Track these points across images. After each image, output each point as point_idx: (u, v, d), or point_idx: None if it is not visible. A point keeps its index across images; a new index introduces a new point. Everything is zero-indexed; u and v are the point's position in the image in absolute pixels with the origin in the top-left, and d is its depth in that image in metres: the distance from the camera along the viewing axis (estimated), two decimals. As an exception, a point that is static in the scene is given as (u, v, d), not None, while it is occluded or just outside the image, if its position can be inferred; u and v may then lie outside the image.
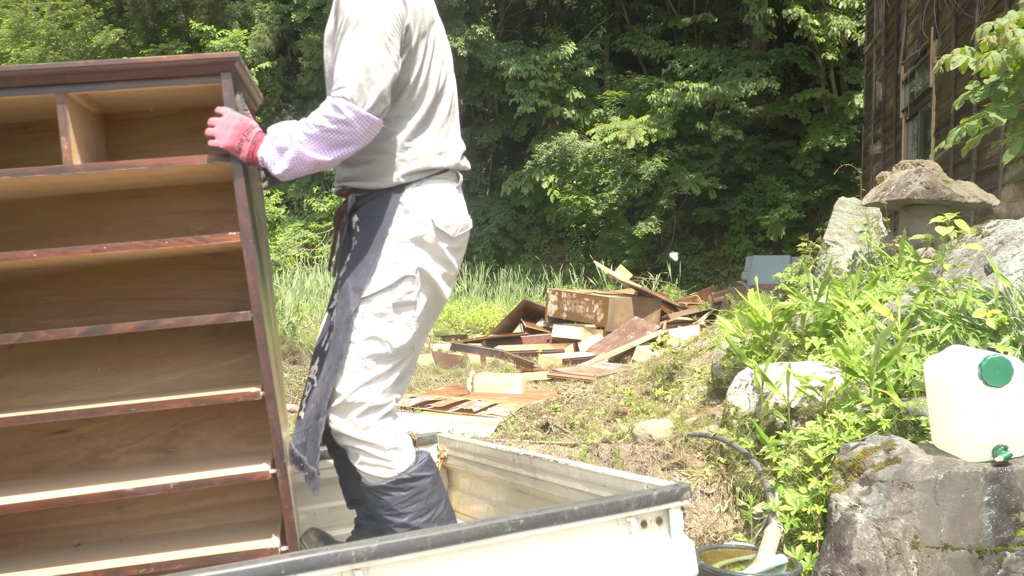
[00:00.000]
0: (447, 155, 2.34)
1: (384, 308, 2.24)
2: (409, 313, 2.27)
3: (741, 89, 16.29)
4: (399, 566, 1.73)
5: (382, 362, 2.25)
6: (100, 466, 2.50)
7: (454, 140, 2.38)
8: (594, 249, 17.98)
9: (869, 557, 2.51)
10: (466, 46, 17.66)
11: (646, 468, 3.58)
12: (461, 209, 2.38)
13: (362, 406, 2.24)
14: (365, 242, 2.27)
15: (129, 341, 2.52)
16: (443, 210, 2.29)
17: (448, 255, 2.33)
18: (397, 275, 2.24)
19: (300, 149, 2.14)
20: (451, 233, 2.31)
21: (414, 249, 2.26)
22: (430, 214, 2.27)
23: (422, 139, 2.29)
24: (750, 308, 4.06)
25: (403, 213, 2.25)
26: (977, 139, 4.61)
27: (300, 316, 11.04)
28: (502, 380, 6.92)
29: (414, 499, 2.26)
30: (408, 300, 2.26)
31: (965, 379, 2.45)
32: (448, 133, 2.36)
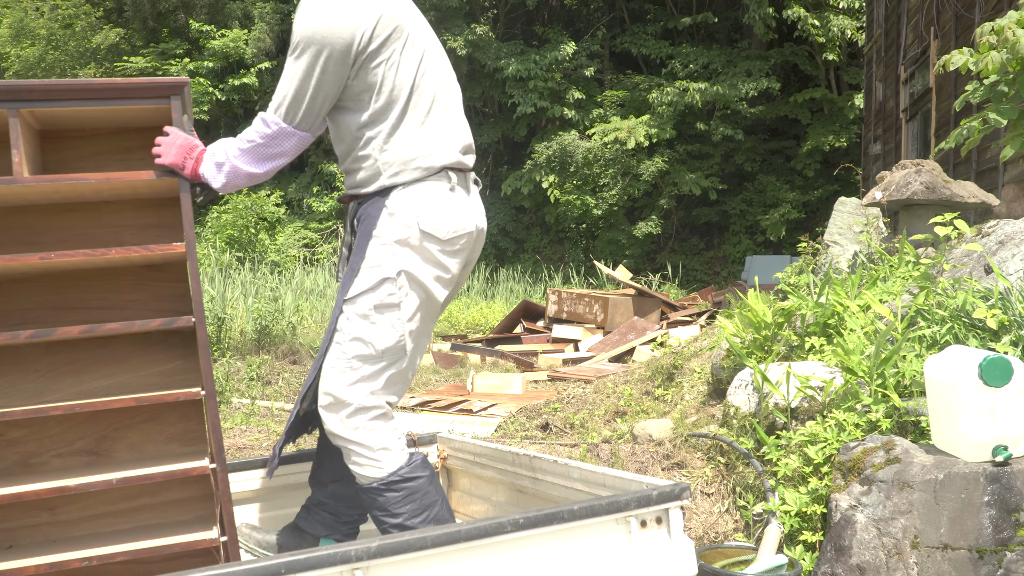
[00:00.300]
0: (434, 155, 2.32)
1: (366, 310, 2.27)
2: (393, 315, 2.28)
3: (741, 89, 16.29)
4: (399, 566, 1.73)
5: (368, 363, 2.27)
6: (30, 470, 2.50)
7: (443, 139, 2.36)
8: (594, 249, 17.98)
9: (869, 557, 2.51)
10: (466, 46, 17.65)
11: (646, 468, 3.58)
12: (456, 211, 2.34)
13: (350, 407, 2.27)
14: (357, 246, 2.33)
15: (59, 349, 2.54)
16: (430, 212, 2.29)
17: (440, 257, 2.31)
18: (377, 277, 2.26)
19: (234, 163, 2.26)
20: (441, 235, 2.29)
21: (397, 251, 2.27)
22: (415, 216, 2.27)
23: (398, 141, 2.30)
24: (750, 308, 4.06)
25: (388, 216, 2.28)
26: (977, 139, 4.61)
27: (300, 316, 11.02)
28: (502, 380, 6.91)
29: (408, 499, 2.27)
30: (390, 302, 2.27)
31: (965, 379, 2.45)
32: (433, 133, 2.34)
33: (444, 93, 2.40)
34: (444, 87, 2.41)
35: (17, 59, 21.46)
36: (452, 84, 2.45)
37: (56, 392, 2.53)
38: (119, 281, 2.60)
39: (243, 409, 5.89)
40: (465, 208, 2.38)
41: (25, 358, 2.52)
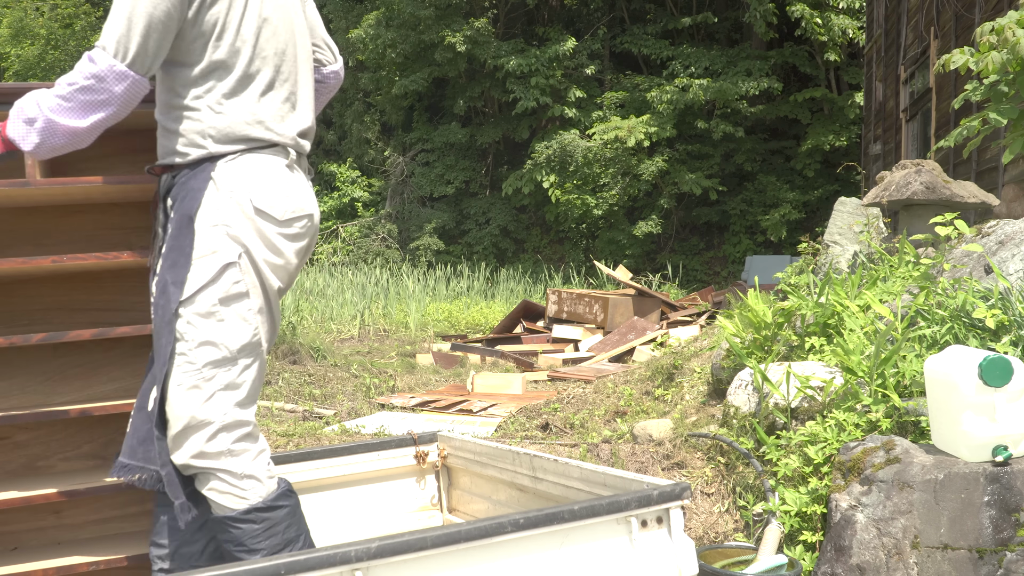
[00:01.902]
0: (272, 127, 2.04)
1: (210, 306, 1.93)
2: (243, 305, 1.96)
3: (742, 87, 16.29)
4: (399, 566, 1.73)
5: (224, 368, 1.94)
6: (37, 472, 2.50)
7: (284, 114, 2.08)
8: (594, 249, 17.98)
9: (869, 557, 2.51)
10: (465, 42, 17.65)
11: (646, 468, 3.58)
12: (295, 191, 2.05)
13: (211, 426, 1.92)
14: (178, 228, 1.97)
15: (67, 351, 2.54)
16: (265, 188, 1.99)
17: (277, 242, 2.01)
18: (218, 264, 1.93)
19: (50, 116, 1.88)
20: (278, 215, 1.99)
21: (232, 232, 1.95)
22: (247, 191, 1.97)
23: (233, 105, 1.99)
24: (750, 308, 4.06)
25: (215, 191, 1.96)
26: (977, 140, 4.61)
27: (300, 316, 11.04)
28: (502, 380, 6.92)
29: (268, 533, 1.96)
30: (238, 291, 1.95)
31: (965, 379, 2.45)
32: (274, 105, 2.05)
33: (291, 67, 2.11)
34: (293, 61, 2.13)
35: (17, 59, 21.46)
36: (303, 64, 2.17)
37: (63, 395, 2.53)
38: (128, 283, 2.59)
39: (243, 409, 5.88)
40: (304, 189, 2.09)
41: (33, 360, 2.52)
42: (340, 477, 2.95)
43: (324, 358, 8.03)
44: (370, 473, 3.00)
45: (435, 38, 18.04)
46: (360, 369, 7.80)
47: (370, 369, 7.90)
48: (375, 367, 8.09)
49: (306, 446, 4.40)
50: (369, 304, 12.76)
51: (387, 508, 3.02)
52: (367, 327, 11.58)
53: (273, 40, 2.06)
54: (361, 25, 19.14)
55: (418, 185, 19.57)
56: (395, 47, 18.49)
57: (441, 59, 18.22)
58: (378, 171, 20.68)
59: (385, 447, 3.02)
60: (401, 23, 18.41)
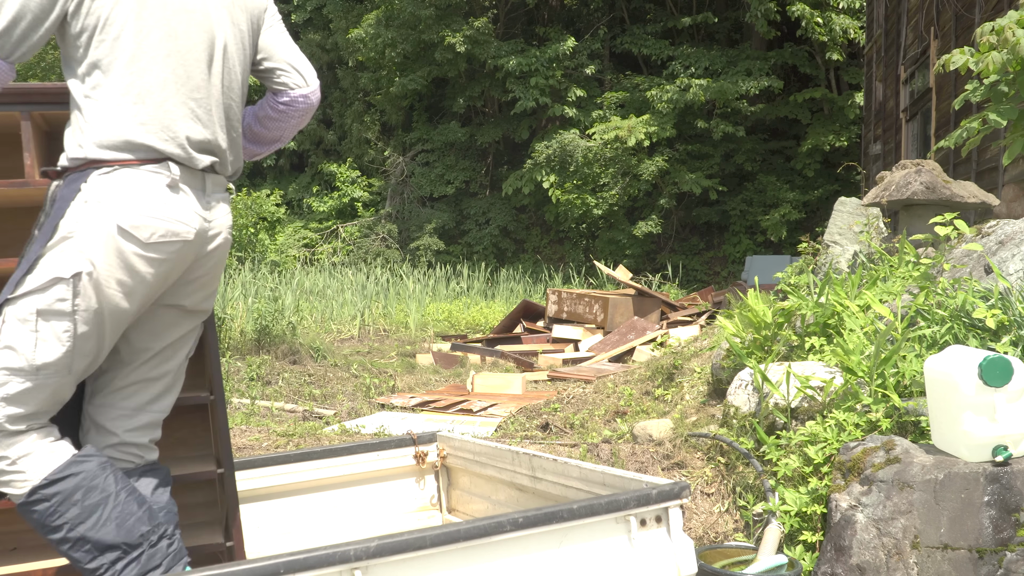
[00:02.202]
0: (156, 137, 1.90)
1: (27, 313, 1.84)
2: (60, 325, 1.84)
3: (742, 86, 16.29)
4: (398, 565, 1.73)
5: (16, 379, 1.85)
6: None
7: (177, 123, 1.94)
8: (594, 249, 17.98)
9: (869, 557, 2.51)
10: (465, 42, 17.65)
11: (646, 468, 3.58)
12: (168, 211, 1.91)
13: None
14: (40, 233, 1.90)
15: None
16: (134, 207, 1.86)
17: (137, 264, 1.88)
18: (49, 275, 1.84)
19: None
20: (142, 237, 1.87)
21: (81, 248, 1.85)
22: (113, 207, 1.85)
23: (114, 108, 1.88)
24: (750, 308, 4.06)
25: (82, 203, 1.87)
26: (977, 139, 4.61)
27: (300, 316, 11.04)
28: (502, 380, 6.91)
29: (64, 506, 1.86)
30: (60, 309, 1.84)
31: (965, 379, 2.45)
32: (165, 111, 1.92)
33: (194, 74, 1.98)
34: (200, 67, 1.99)
35: (17, 59, 21.43)
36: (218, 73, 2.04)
37: None
38: None
39: (243, 409, 5.89)
40: (184, 211, 1.94)
41: None
42: (340, 477, 2.94)
43: (324, 358, 8.03)
44: (370, 473, 3.00)
45: (435, 38, 18.04)
46: (360, 369, 7.80)
47: (370, 369, 7.90)
48: (375, 367, 8.09)
49: (306, 446, 4.40)
50: (369, 304, 12.77)
51: (387, 508, 3.02)
52: (367, 327, 11.58)
53: (169, 42, 1.94)
54: (361, 25, 19.14)
55: (418, 185, 19.58)
56: (395, 47, 18.49)
57: (441, 59, 18.22)
58: (378, 171, 20.68)
59: (385, 447, 3.02)
60: (401, 23, 18.41)
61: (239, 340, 7.58)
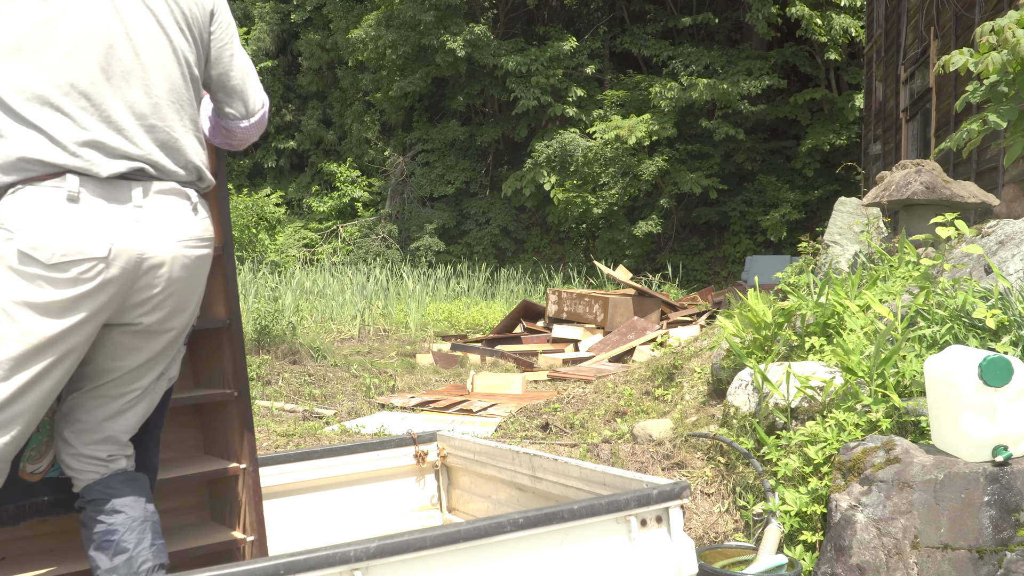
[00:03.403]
0: (50, 148, 1.78)
1: None
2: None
3: (744, 87, 16.29)
4: (398, 566, 1.73)
5: None
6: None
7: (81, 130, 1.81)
8: (594, 249, 17.99)
9: (869, 557, 2.51)
10: (465, 46, 17.65)
11: (646, 468, 3.58)
12: (70, 228, 1.78)
13: None
14: None
15: None
16: (31, 226, 1.76)
17: (47, 287, 1.77)
18: None
19: None
20: (43, 258, 1.76)
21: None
22: (14, 229, 1.77)
23: (12, 122, 1.78)
24: (750, 308, 4.06)
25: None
26: (977, 141, 4.61)
27: (300, 316, 11.04)
28: (502, 380, 6.91)
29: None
30: None
31: (965, 379, 2.45)
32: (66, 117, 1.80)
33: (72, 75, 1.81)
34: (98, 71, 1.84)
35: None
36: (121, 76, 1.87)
37: None
38: None
39: (243, 409, 5.88)
40: (91, 227, 1.79)
41: None
42: (340, 477, 2.95)
43: (324, 358, 8.03)
44: (370, 473, 3.00)
45: (435, 42, 18.03)
46: (360, 369, 7.80)
47: (370, 369, 7.90)
48: (375, 367, 8.09)
49: (306, 446, 4.40)
50: (369, 304, 12.77)
51: (387, 508, 3.02)
52: (367, 327, 11.58)
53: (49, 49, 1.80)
54: (361, 25, 19.14)
55: (418, 185, 19.58)
56: (395, 48, 18.49)
57: (441, 62, 18.23)
58: (378, 171, 20.69)
59: (385, 447, 3.02)
60: (401, 23, 18.41)
61: (239, 340, 7.57)
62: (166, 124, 1.93)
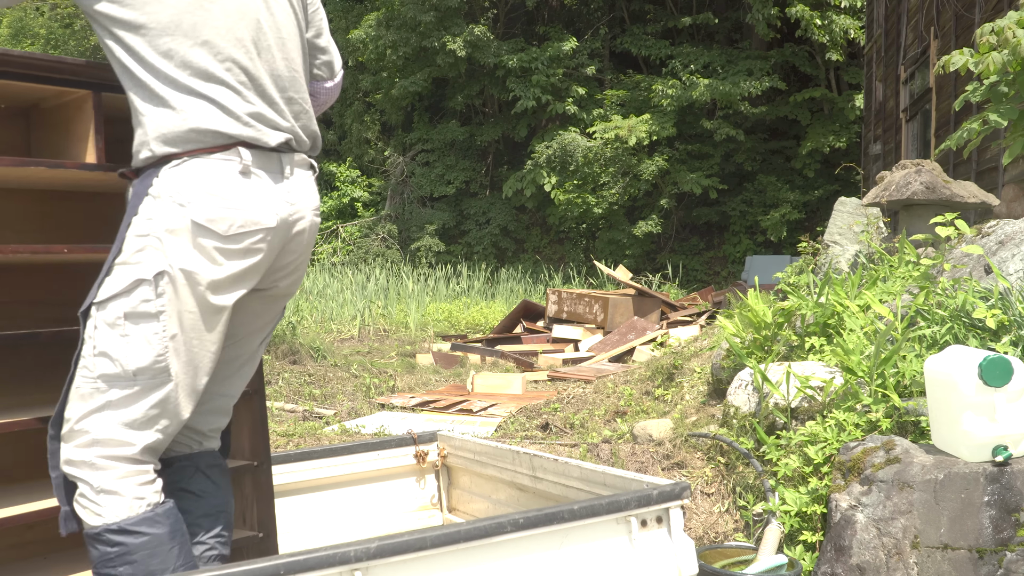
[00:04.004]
0: (223, 120, 1.81)
1: (115, 318, 1.76)
2: (149, 327, 1.76)
3: (744, 87, 16.29)
4: (398, 566, 1.73)
5: (117, 386, 1.76)
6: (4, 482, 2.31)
7: (246, 103, 1.85)
8: (594, 249, 17.99)
9: (869, 557, 2.51)
10: (465, 47, 17.65)
11: (646, 468, 3.58)
12: (245, 200, 1.82)
13: (85, 436, 1.76)
14: (118, 235, 1.83)
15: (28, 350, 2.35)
16: (208, 198, 1.78)
17: (219, 259, 1.80)
18: (132, 277, 1.76)
19: None
20: (220, 230, 1.79)
21: (160, 246, 1.77)
22: (187, 202, 1.77)
23: (170, 101, 1.79)
24: (750, 308, 4.06)
25: (152, 200, 1.79)
26: (977, 141, 4.61)
27: (300, 316, 11.05)
28: (502, 380, 6.92)
29: (123, 559, 1.75)
30: (146, 311, 1.76)
31: (965, 379, 2.45)
32: (232, 91, 1.83)
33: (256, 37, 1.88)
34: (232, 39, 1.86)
35: (17, 59, 21.44)
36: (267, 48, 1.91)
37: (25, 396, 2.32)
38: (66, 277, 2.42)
39: (243, 409, 5.89)
40: (262, 198, 1.85)
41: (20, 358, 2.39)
42: (340, 477, 2.95)
43: (324, 358, 8.03)
44: (370, 473, 3.00)
45: (435, 44, 18.02)
46: (360, 369, 7.80)
47: (370, 369, 7.90)
48: (375, 367, 8.09)
49: (306, 446, 4.40)
50: (369, 304, 12.77)
51: (387, 508, 3.03)
52: (367, 327, 11.58)
53: (211, 21, 1.83)
54: (361, 26, 19.13)
55: (418, 185, 19.57)
56: (396, 49, 18.48)
57: (442, 63, 18.22)
58: (378, 171, 20.68)
59: (385, 447, 3.03)
60: (402, 24, 18.40)
61: (239, 340, 7.57)
62: (300, 96, 1.99)
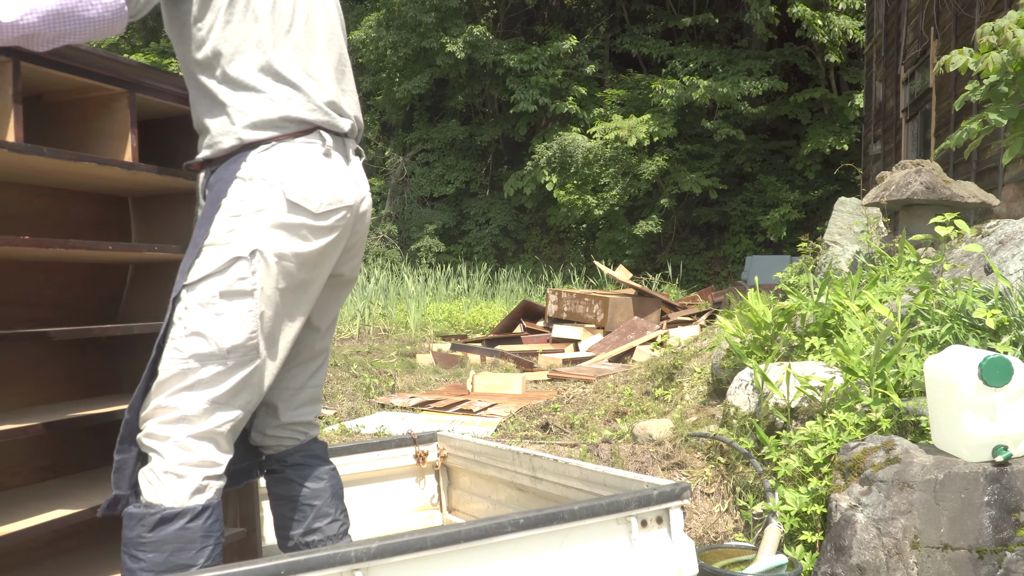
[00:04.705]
0: (304, 108, 1.90)
1: (210, 297, 1.80)
2: (243, 304, 1.81)
3: (744, 87, 16.28)
4: (399, 566, 1.73)
5: (209, 364, 1.80)
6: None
7: (323, 91, 1.95)
8: (594, 249, 17.99)
9: (869, 557, 2.51)
10: (464, 48, 17.64)
11: (646, 468, 3.58)
12: (330, 179, 1.91)
13: (173, 412, 1.79)
14: (203, 218, 1.87)
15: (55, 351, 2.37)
16: (299, 177, 1.86)
17: (310, 236, 1.87)
18: (227, 256, 1.81)
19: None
20: (312, 208, 1.86)
21: (253, 225, 1.82)
22: (279, 181, 1.84)
23: (257, 89, 1.87)
24: (750, 308, 4.06)
25: (242, 182, 1.84)
26: (977, 141, 4.61)
27: (300, 316, 11.02)
28: (502, 380, 6.92)
29: (155, 546, 1.76)
30: (241, 288, 1.81)
31: (965, 379, 2.45)
32: (312, 80, 1.93)
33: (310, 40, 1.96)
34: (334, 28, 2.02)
35: (17, 59, 21.44)
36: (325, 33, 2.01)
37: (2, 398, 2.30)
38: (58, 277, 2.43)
39: (243, 409, 5.89)
40: (343, 177, 1.95)
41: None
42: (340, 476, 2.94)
43: (324, 358, 8.02)
44: (370, 473, 3.00)
45: (436, 45, 18.01)
46: (360, 369, 7.80)
47: (370, 369, 7.90)
48: (375, 367, 8.09)
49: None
50: (369, 304, 12.76)
51: (387, 508, 3.02)
52: (367, 327, 11.58)
53: (317, 11, 1.96)
54: (361, 26, 19.14)
55: (418, 185, 19.57)
56: (396, 50, 18.48)
57: (442, 63, 18.22)
58: (378, 171, 20.68)
59: (385, 447, 3.02)
60: (402, 24, 18.40)
61: (239, 340, 7.57)
62: (352, 88, 2.10)
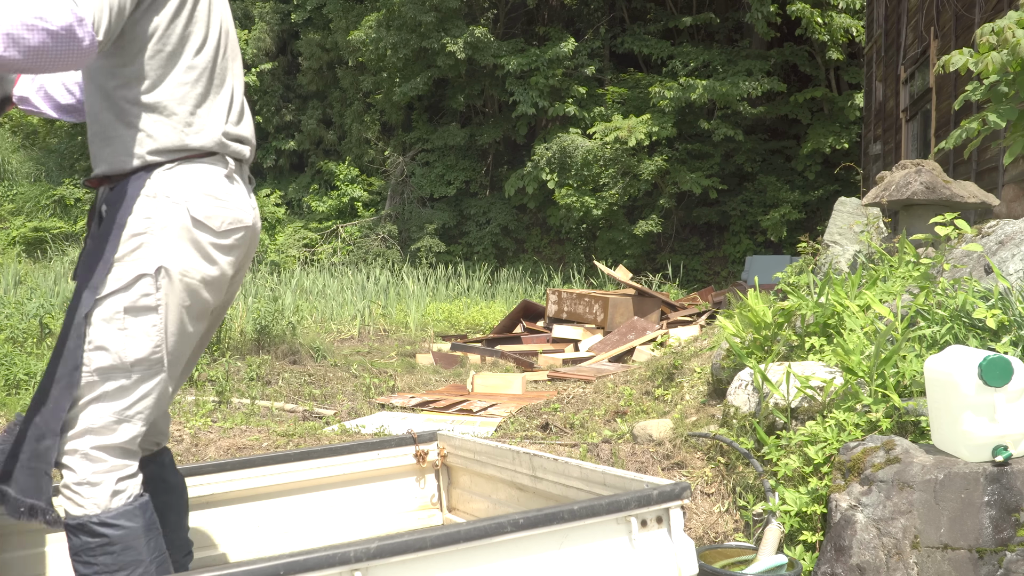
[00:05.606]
0: (211, 134, 1.97)
1: (114, 312, 1.86)
2: (148, 320, 1.87)
3: (744, 87, 16.28)
4: (398, 566, 1.73)
5: (112, 378, 1.85)
6: None
7: (223, 119, 2.01)
8: (594, 249, 17.98)
9: (869, 557, 2.51)
10: (465, 48, 17.64)
11: (646, 468, 3.58)
12: (233, 202, 1.98)
13: (78, 427, 1.85)
14: (102, 234, 1.90)
15: None
16: (202, 196, 1.92)
17: (213, 254, 1.94)
18: (132, 273, 1.86)
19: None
20: (215, 226, 1.93)
21: (158, 242, 1.87)
22: (183, 199, 1.90)
23: (171, 116, 1.92)
24: (750, 308, 4.06)
25: (150, 199, 1.89)
26: (977, 141, 4.61)
27: (300, 316, 11.03)
28: (502, 380, 6.91)
29: (103, 550, 1.83)
30: (146, 304, 1.87)
31: (965, 379, 2.45)
32: (213, 108, 1.99)
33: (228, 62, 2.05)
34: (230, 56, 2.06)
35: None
36: (236, 62, 2.10)
37: None
38: None
39: (243, 409, 5.89)
40: (242, 199, 2.03)
41: None
42: (340, 477, 2.94)
43: (324, 358, 8.03)
44: (370, 472, 3.00)
45: (436, 46, 18.01)
46: (360, 369, 7.80)
47: (370, 369, 7.90)
48: (375, 367, 8.09)
49: (306, 446, 4.40)
50: (369, 304, 12.77)
51: (387, 507, 3.02)
52: (367, 327, 11.58)
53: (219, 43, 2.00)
54: (361, 27, 19.13)
55: (418, 185, 19.57)
56: (396, 51, 18.48)
57: (442, 64, 18.21)
58: (378, 171, 20.68)
59: (385, 446, 3.02)
60: (402, 24, 18.39)
61: (239, 340, 7.58)
62: (249, 114, 2.17)
